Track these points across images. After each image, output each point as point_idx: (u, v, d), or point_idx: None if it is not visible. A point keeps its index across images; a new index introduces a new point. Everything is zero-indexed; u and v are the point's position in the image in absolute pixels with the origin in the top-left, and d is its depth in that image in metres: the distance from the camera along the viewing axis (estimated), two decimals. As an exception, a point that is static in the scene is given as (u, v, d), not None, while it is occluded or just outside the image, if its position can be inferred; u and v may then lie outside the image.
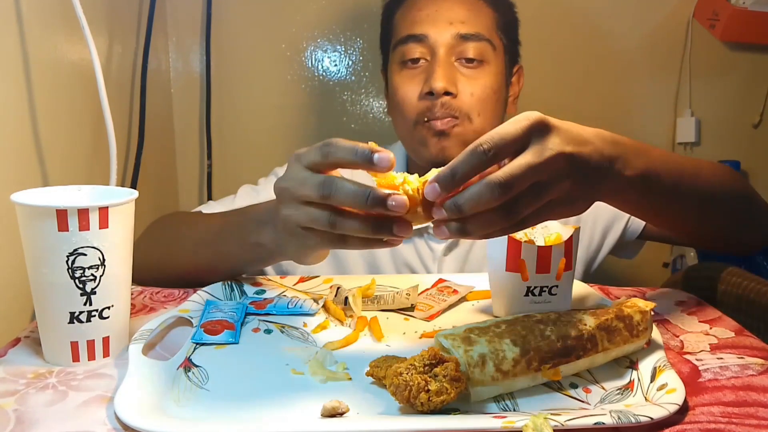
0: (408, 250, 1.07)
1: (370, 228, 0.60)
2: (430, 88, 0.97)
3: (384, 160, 0.59)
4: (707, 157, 1.62)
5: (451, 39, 0.99)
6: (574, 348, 0.59)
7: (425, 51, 1.01)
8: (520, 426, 0.50)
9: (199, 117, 1.55)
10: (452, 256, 1.06)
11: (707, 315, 0.77)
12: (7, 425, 0.53)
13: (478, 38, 1.00)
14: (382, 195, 0.58)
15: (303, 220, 0.64)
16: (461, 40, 0.99)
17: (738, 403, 0.56)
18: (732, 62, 1.60)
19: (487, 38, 1.00)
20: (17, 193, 0.63)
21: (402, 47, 1.02)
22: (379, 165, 0.59)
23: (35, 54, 0.88)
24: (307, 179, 0.63)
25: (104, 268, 0.63)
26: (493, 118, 1.02)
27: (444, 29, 0.99)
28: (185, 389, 0.59)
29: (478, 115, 0.99)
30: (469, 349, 0.56)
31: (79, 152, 1.02)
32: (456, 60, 1.00)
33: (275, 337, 0.70)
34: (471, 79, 0.99)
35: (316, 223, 0.63)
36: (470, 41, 0.99)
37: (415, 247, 1.07)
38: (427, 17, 1.01)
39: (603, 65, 1.59)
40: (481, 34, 1.00)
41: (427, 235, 1.07)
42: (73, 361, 0.64)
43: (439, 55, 0.99)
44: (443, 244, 1.06)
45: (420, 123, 1.00)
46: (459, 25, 0.99)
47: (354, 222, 0.61)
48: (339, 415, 0.54)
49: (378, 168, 0.59)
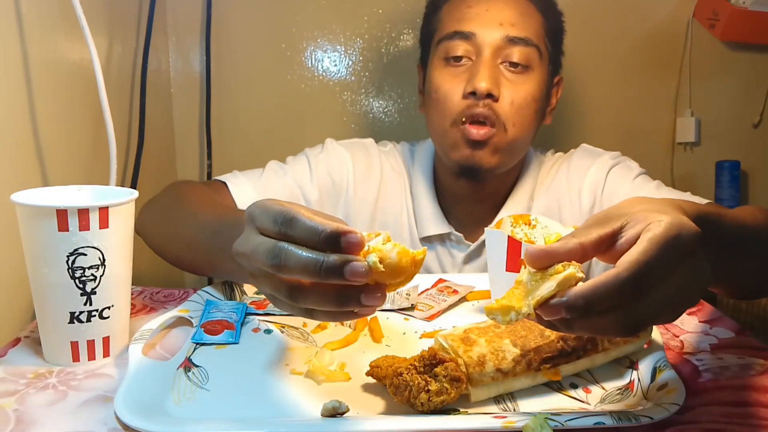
0: (430, 257, 1.06)
1: (332, 301, 0.51)
2: (473, 88, 0.94)
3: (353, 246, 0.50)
4: (707, 157, 1.62)
5: (499, 40, 0.96)
6: (575, 348, 0.59)
7: (470, 49, 0.98)
8: (520, 426, 0.50)
9: (199, 117, 1.55)
10: (474, 265, 1.05)
11: (707, 315, 0.77)
12: (7, 425, 0.53)
13: (527, 43, 0.97)
14: (336, 263, 0.49)
15: (264, 288, 0.55)
16: (509, 42, 0.96)
17: (738, 403, 0.56)
18: (732, 62, 1.60)
19: (535, 44, 0.98)
20: (17, 193, 0.63)
21: (447, 43, 0.99)
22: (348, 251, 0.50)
23: (35, 54, 0.88)
24: (258, 246, 0.53)
25: (104, 268, 0.63)
26: (529, 128, 1.00)
27: (493, 29, 0.96)
28: (185, 389, 0.59)
29: (513, 125, 0.97)
30: (468, 349, 0.56)
31: (79, 152, 1.02)
32: (501, 63, 0.97)
33: (275, 337, 0.70)
34: (514, 84, 0.97)
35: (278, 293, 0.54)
36: (518, 45, 0.97)
37: (437, 255, 1.07)
38: (477, 15, 0.98)
39: (603, 65, 1.58)
40: (530, 39, 0.97)
41: (449, 242, 1.06)
42: (73, 361, 0.64)
43: (485, 56, 0.96)
44: (464, 252, 1.05)
45: (458, 124, 0.97)
46: (509, 27, 0.97)
47: (314, 296, 0.52)
48: (339, 415, 0.54)
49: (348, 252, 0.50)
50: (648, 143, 1.63)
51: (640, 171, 1.08)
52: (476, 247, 1.05)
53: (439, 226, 1.05)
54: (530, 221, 0.77)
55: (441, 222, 1.05)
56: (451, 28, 0.99)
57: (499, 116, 0.95)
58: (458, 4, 1.01)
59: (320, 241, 0.50)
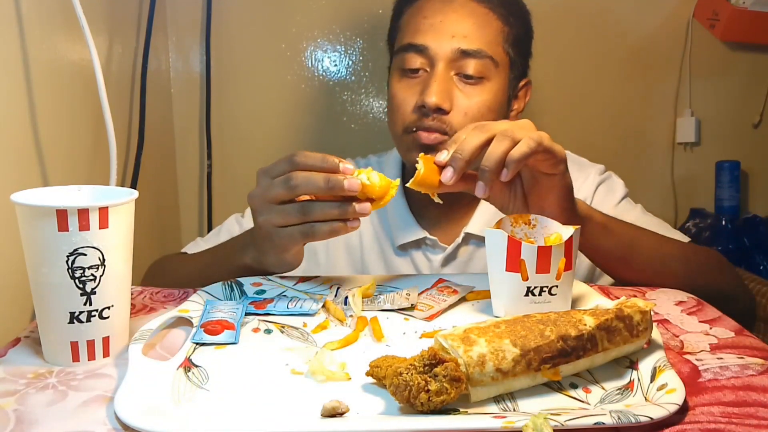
0: (404, 263, 1.07)
1: (336, 206, 0.73)
2: (423, 102, 0.95)
3: (348, 169, 0.72)
4: (707, 157, 1.62)
5: (451, 53, 0.96)
6: (574, 348, 0.59)
7: (425, 62, 0.98)
8: (520, 426, 0.50)
9: (199, 117, 1.55)
10: (451, 267, 1.05)
11: (707, 315, 0.77)
12: (7, 425, 0.53)
13: (480, 55, 0.97)
14: (339, 179, 0.72)
15: (277, 218, 0.75)
16: (462, 55, 0.96)
17: (738, 403, 0.56)
18: (732, 62, 1.60)
19: (489, 55, 0.97)
20: (17, 193, 0.63)
21: (403, 55, 1.00)
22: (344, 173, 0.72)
23: (35, 54, 0.88)
24: (274, 183, 0.74)
25: (104, 268, 0.63)
26: None
27: (445, 42, 0.96)
28: (185, 389, 0.59)
29: None
30: (468, 349, 0.56)
31: (79, 152, 1.02)
32: (455, 74, 0.97)
33: (275, 337, 0.70)
34: (468, 96, 0.97)
35: (289, 216, 0.75)
36: (471, 57, 0.96)
37: (412, 260, 1.07)
38: (431, 27, 0.98)
39: (603, 65, 1.59)
40: (482, 51, 0.97)
41: (425, 247, 1.06)
42: (73, 361, 0.64)
43: (438, 69, 0.96)
44: (441, 255, 1.05)
45: (408, 132, 0.99)
46: (461, 39, 0.96)
47: (320, 207, 0.74)
48: (339, 415, 0.54)
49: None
50: (648, 143, 1.63)
51: (623, 193, 1.09)
52: (452, 250, 1.05)
53: (413, 233, 1.05)
54: (530, 221, 0.77)
55: (414, 228, 1.06)
56: (406, 40, 1.00)
57: (451, 126, 0.96)
58: (416, 13, 1.01)
59: (323, 167, 0.73)
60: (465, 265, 1.05)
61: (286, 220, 0.75)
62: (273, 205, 0.75)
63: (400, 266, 1.06)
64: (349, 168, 0.73)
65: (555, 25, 1.54)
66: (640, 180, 1.63)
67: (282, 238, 0.77)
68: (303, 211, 0.74)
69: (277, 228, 0.76)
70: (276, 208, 0.75)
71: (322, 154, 0.73)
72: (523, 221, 0.77)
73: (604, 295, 0.79)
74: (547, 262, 0.69)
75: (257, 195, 0.76)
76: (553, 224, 0.76)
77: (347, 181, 0.71)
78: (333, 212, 0.74)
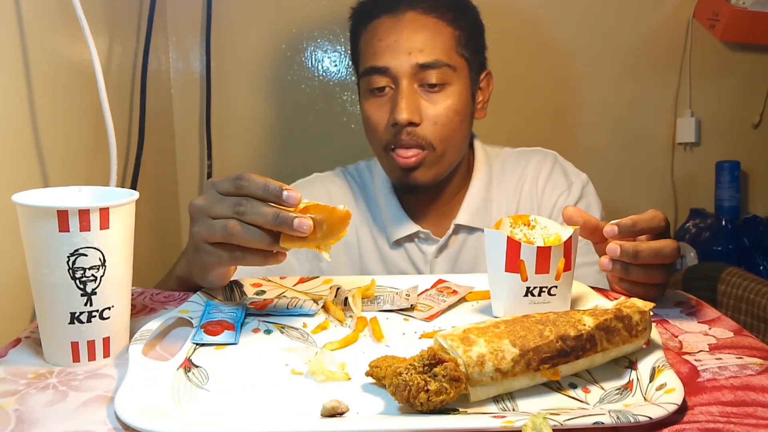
0: (399, 256, 1.11)
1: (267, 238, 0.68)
2: (395, 120, 1.00)
3: (292, 198, 0.68)
4: (707, 158, 1.63)
5: (410, 69, 1.01)
6: (574, 348, 0.59)
7: (389, 80, 1.03)
8: (519, 426, 0.50)
9: (199, 117, 1.55)
10: (443, 257, 1.10)
11: (706, 315, 0.77)
12: (7, 425, 0.53)
13: (438, 65, 1.01)
14: (289, 216, 0.66)
15: (209, 233, 0.71)
16: (421, 69, 1.01)
17: (737, 402, 0.56)
18: (732, 62, 1.60)
19: (446, 63, 1.01)
20: (18, 193, 0.63)
21: (368, 78, 1.04)
22: (287, 202, 0.68)
23: (35, 54, 0.88)
24: (222, 200, 0.70)
25: (105, 268, 0.63)
26: (457, 137, 1.05)
27: (403, 60, 1.01)
28: (185, 389, 0.59)
29: (440, 141, 1.02)
30: (468, 349, 0.56)
31: (79, 152, 1.02)
32: (419, 86, 1.02)
33: (275, 337, 0.70)
34: (433, 104, 1.02)
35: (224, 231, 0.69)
36: (430, 68, 1.01)
37: (406, 252, 1.11)
38: (387, 48, 1.02)
39: (603, 65, 1.59)
40: (439, 60, 1.01)
41: (418, 240, 1.11)
42: (73, 362, 0.64)
43: (402, 86, 1.01)
44: (434, 246, 1.10)
45: (388, 150, 1.04)
46: (417, 54, 1.00)
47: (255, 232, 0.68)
48: (339, 415, 0.54)
49: (287, 204, 0.68)
50: (648, 143, 1.64)
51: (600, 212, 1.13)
52: (444, 241, 1.10)
53: (407, 228, 1.10)
54: (529, 222, 0.77)
55: (407, 223, 1.11)
56: (368, 63, 1.05)
57: (425, 138, 1.01)
58: (371, 37, 1.05)
59: (269, 194, 0.68)
60: (457, 254, 1.10)
61: (219, 234, 0.70)
62: (209, 219, 0.70)
63: (396, 259, 1.11)
64: (293, 196, 0.68)
65: (555, 25, 1.55)
66: (640, 180, 1.63)
67: (210, 255, 0.72)
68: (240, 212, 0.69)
69: (206, 244, 0.72)
70: (213, 222, 0.70)
71: (265, 181, 0.68)
72: (523, 222, 0.77)
73: (603, 295, 0.79)
74: (546, 262, 0.70)
75: (199, 205, 0.72)
76: (552, 225, 0.76)
77: (297, 221, 0.66)
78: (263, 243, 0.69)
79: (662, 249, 0.75)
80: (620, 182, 1.59)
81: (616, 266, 0.75)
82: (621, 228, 0.74)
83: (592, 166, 1.23)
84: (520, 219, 0.77)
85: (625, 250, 0.74)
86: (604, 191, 1.15)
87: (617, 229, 0.74)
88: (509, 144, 1.18)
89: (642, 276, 0.76)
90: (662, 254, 0.75)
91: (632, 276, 0.76)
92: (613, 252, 0.74)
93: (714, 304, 0.83)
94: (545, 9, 1.53)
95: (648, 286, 0.79)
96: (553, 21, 1.54)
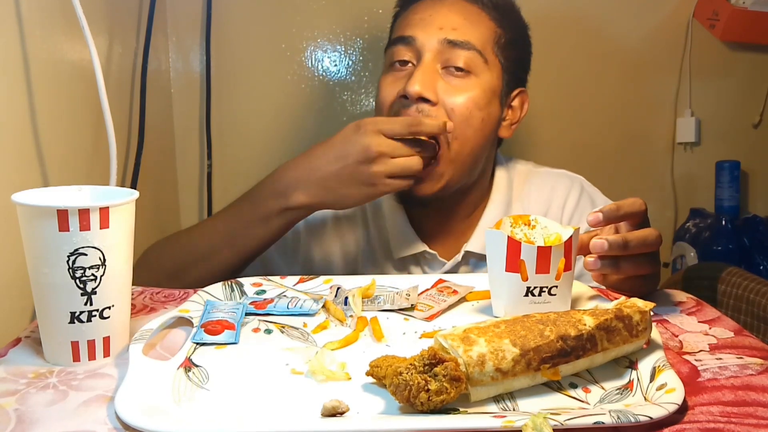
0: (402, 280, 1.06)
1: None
2: (404, 91, 0.93)
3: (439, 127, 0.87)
4: (707, 157, 1.63)
5: (438, 44, 0.94)
6: (574, 348, 0.59)
7: (413, 54, 0.96)
8: (519, 426, 0.50)
9: (199, 117, 1.55)
10: None
11: (706, 315, 0.77)
12: (7, 425, 0.53)
13: (467, 47, 0.94)
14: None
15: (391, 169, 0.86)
16: (449, 46, 0.94)
17: (737, 402, 0.56)
18: (732, 62, 1.60)
19: (477, 48, 0.95)
20: (18, 193, 0.63)
21: (391, 49, 0.99)
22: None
23: (35, 54, 0.88)
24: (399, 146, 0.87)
25: (105, 268, 0.63)
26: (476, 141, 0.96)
27: (432, 33, 0.95)
28: (185, 389, 0.59)
29: (455, 137, 0.94)
30: (468, 348, 0.56)
31: (79, 152, 1.02)
32: (443, 68, 0.95)
33: (275, 337, 0.70)
34: (454, 88, 0.94)
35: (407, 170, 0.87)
36: (459, 48, 0.94)
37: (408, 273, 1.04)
38: (420, 21, 0.97)
39: (603, 65, 1.59)
40: (470, 42, 0.95)
41: (423, 261, 1.04)
42: (73, 361, 0.64)
43: (425, 60, 0.94)
44: (439, 271, 1.02)
45: None
46: (449, 30, 0.95)
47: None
48: (339, 414, 0.54)
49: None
50: (648, 143, 1.63)
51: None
52: (451, 267, 1.02)
53: (412, 246, 1.03)
54: (530, 221, 0.77)
55: (414, 241, 1.03)
56: (396, 34, 1.00)
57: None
58: (407, 13, 1.01)
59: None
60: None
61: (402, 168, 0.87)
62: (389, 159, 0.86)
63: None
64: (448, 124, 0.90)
65: (555, 25, 1.54)
66: (640, 180, 1.63)
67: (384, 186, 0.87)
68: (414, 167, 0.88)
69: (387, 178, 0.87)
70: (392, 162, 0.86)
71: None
72: (523, 222, 0.77)
73: (603, 295, 0.79)
74: (546, 262, 0.70)
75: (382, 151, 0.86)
76: (552, 225, 0.76)
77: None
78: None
79: (647, 236, 0.73)
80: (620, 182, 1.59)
81: (605, 263, 0.72)
82: (606, 213, 0.71)
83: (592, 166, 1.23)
84: (521, 219, 0.77)
85: (613, 243, 0.70)
86: (604, 191, 1.15)
87: (602, 215, 0.71)
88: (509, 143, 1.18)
89: (633, 268, 0.74)
90: (648, 242, 0.73)
91: (623, 270, 0.73)
92: (600, 247, 0.70)
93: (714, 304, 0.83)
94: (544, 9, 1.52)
95: (638, 279, 0.76)
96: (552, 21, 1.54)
